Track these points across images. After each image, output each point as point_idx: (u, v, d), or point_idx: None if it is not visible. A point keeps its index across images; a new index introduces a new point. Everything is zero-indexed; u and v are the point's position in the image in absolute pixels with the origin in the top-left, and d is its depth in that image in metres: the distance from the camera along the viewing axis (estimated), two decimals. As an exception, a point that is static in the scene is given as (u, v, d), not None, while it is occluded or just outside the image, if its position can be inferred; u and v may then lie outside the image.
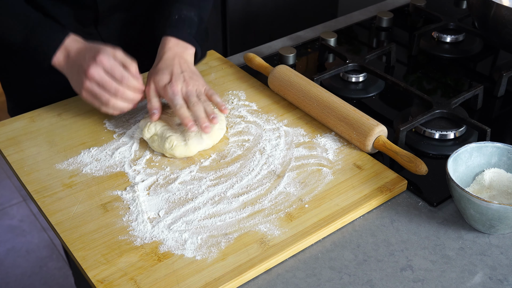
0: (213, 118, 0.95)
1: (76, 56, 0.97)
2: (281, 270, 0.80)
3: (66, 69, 0.99)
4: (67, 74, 0.99)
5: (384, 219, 0.88)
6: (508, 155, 0.89)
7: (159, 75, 0.98)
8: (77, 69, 0.96)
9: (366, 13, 1.46)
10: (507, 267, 0.81)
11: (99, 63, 0.94)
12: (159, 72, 0.99)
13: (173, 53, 1.01)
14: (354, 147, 0.99)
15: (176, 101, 0.95)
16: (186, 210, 0.87)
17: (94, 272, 0.77)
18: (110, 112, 0.98)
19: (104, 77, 0.94)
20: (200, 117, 0.95)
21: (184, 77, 0.98)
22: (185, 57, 1.02)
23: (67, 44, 0.98)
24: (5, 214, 2.27)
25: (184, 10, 1.04)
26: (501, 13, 1.10)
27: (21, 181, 0.93)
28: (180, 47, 1.02)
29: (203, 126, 0.94)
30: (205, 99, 0.98)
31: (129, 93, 0.97)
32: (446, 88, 1.19)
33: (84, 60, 0.96)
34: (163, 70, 0.99)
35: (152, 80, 0.99)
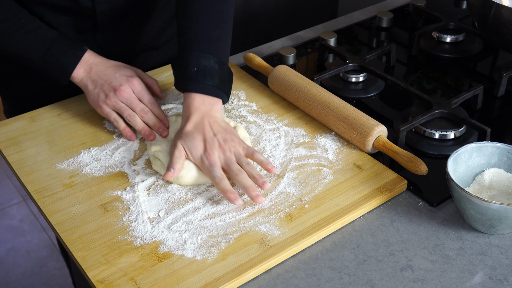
0: (264, 183, 0.87)
1: (103, 73, 1.00)
2: (281, 270, 0.80)
3: (87, 82, 1.00)
4: (87, 86, 1.01)
5: (384, 219, 0.88)
6: (508, 155, 0.89)
7: (191, 140, 0.91)
8: (102, 85, 0.99)
9: (366, 13, 1.46)
10: (507, 267, 0.81)
11: (131, 85, 1.00)
12: (189, 136, 0.91)
13: (201, 114, 0.93)
14: (354, 147, 0.99)
15: (215, 174, 0.87)
16: (186, 210, 0.87)
17: (94, 272, 0.77)
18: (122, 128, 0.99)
19: (132, 96, 0.99)
20: (247, 186, 0.86)
21: (219, 141, 0.90)
22: (214, 114, 0.94)
23: (86, 58, 1.01)
24: (5, 214, 2.27)
25: (202, 60, 0.94)
26: (501, 13, 1.10)
27: (21, 181, 0.93)
28: (206, 104, 0.94)
29: (254, 195, 0.86)
30: (247, 162, 0.89)
31: (152, 116, 0.99)
32: (446, 88, 1.19)
33: (114, 78, 0.99)
34: (193, 134, 0.91)
35: (181, 144, 0.91)
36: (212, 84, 0.94)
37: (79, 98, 1.10)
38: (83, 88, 1.02)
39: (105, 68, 1.01)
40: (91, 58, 1.01)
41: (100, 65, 1.01)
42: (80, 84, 1.01)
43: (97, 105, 1.00)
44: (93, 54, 1.02)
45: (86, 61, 1.01)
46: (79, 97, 1.10)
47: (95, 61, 1.01)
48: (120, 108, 0.99)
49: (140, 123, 0.99)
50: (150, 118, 0.99)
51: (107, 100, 0.99)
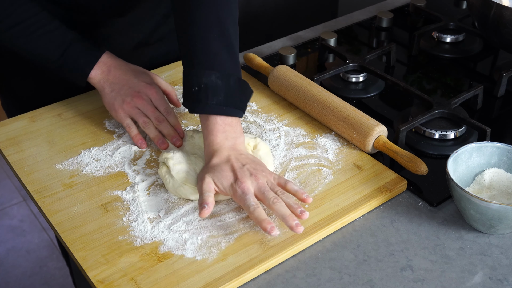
0: (302, 212, 0.81)
1: (121, 77, 0.99)
2: (281, 270, 0.80)
3: (104, 84, 0.99)
4: (104, 88, 0.99)
5: (384, 219, 0.88)
6: (508, 155, 0.89)
7: (219, 172, 0.85)
8: (120, 89, 0.98)
9: (366, 13, 1.46)
10: (507, 267, 0.81)
11: (149, 93, 0.99)
12: (217, 168, 0.85)
13: (225, 150, 0.88)
14: (354, 147, 0.99)
15: (249, 202, 0.81)
16: (186, 210, 0.87)
17: (94, 272, 0.77)
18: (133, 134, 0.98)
19: (150, 104, 0.98)
20: (286, 215, 0.80)
21: (249, 170, 0.85)
22: (238, 148, 0.89)
23: (105, 60, 1.00)
24: (5, 214, 2.27)
25: (203, 77, 0.88)
26: (501, 13, 1.10)
27: (21, 181, 0.93)
28: (230, 139, 0.89)
29: (293, 225, 0.79)
30: (282, 191, 0.84)
31: (167, 125, 0.97)
32: (446, 88, 1.19)
33: (133, 84, 0.99)
34: (221, 166, 0.86)
35: (209, 177, 0.85)
36: (216, 102, 0.88)
37: (79, 98, 1.10)
38: (100, 90, 1.00)
39: (124, 72, 1.00)
40: (110, 59, 1.00)
41: (118, 68, 1.00)
42: (97, 85, 1.00)
43: (112, 108, 0.99)
44: (112, 56, 1.01)
45: (104, 62, 1.00)
46: (79, 97, 1.10)
47: (113, 63, 1.00)
48: (135, 114, 0.98)
49: (154, 131, 0.97)
50: (165, 127, 0.97)
51: (124, 105, 0.98)
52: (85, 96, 1.10)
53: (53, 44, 0.98)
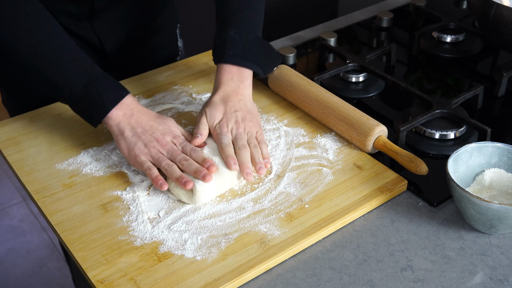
0: (261, 169, 0.90)
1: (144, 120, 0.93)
2: (281, 270, 0.80)
3: (124, 126, 0.92)
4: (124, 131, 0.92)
5: (384, 219, 0.88)
6: (508, 155, 0.89)
7: (212, 110, 0.96)
8: (142, 134, 0.92)
9: (366, 13, 1.46)
10: (508, 267, 0.81)
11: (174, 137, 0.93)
12: (213, 107, 0.96)
13: (228, 89, 0.98)
14: (354, 147, 0.99)
15: (222, 140, 0.92)
16: (186, 210, 0.87)
17: (94, 272, 0.77)
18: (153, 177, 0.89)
19: (174, 148, 0.92)
20: (243, 162, 0.89)
21: (237, 117, 0.95)
22: (242, 92, 0.99)
23: (128, 102, 0.94)
24: (5, 214, 2.27)
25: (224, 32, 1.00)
26: (501, 13, 1.10)
27: (21, 181, 0.93)
28: (235, 81, 0.99)
29: (245, 172, 0.89)
30: (255, 144, 0.93)
31: (194, 162, 0.89)
32: (446, 88, 1.19)
33: (156, 129, 0.93)
34: (216, 106, 0.96)
35: (204, 111, 0.97)
36: (232, 53, 0.99)
37: (79, 98, 1.10)
38: (118, 133, 0.93)
39: (148, 117, 0.94)
40: (133, 103, 0.94)
41: (142, 113, 0.94)
42: (115, 128, 0.93)
43: (131, 153, 0.91)
44: (135, 101, 0.95)
45: (128, 104, 0.93)
46: (79, 97, 1.10)
47: (137, 108, 0.94)
48: (158, 158, 0.90)
49: (177, 172, 0.88)
50: (191, 165, 0.89)
51: (146, 149, 0.91)
52: (85, 96, 1.10)
53: (79, 73, 0.92)
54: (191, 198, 0.87)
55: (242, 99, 0.98)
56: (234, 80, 0.99)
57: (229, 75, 0.99)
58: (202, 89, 1.13)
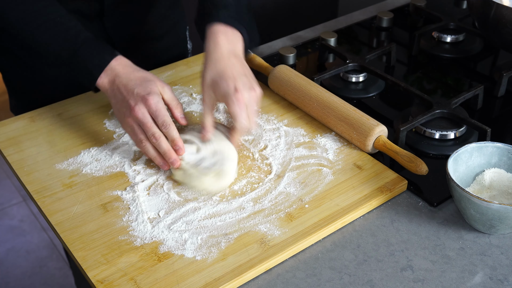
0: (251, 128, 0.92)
1: (124, 87, 0.91)
2: (281, 270, 0.80)
3: (110, 94, 0.93)
4: (110, 99, 0.94)
5: (384, 219, 0.88)
6: (508, 155, 0.89)
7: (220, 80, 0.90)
8: (121, 100, 0.91)
9: (366, 13, 1.46)
10: (508, 267, 0.81)
11: (146, 104, 0.89)
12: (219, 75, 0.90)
13: (226, 50, 0.92)
14: (354, 147, 0.99)
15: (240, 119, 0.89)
16: (186, 210, 0.87)
17: (94, 272, 0.77)
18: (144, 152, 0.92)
19: (146, 118, 0.89)
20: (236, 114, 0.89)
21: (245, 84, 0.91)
22: (238, 52, 0.94)
23: (114, 66, 0.93)
24: (5, 214, 2.27)
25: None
26: (501, 13, 1.10)
27: (21, 181, 0.93)
28: (230, 40, 0.94)
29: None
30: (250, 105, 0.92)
31: (163, 143, 0.89)
32: (446, 88, 1.19)
33: (131, 95, 0.90)
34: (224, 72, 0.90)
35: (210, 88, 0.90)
36: (228, 15, 0.94)
37: (79, 98, 1.10)
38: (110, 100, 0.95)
39: (127, 81, 0.92)
40: (117, 66, 0.93)
41: (123, 77, 0.92)
42: (105, 93, 0.95)
43: (120, 121, 0.93)
44: (121, 62, 0.94)
45: (112, 69, 0.93)
46: (79, 97, 1.10)
47: (120, 72, 0.93)
48: (134, 130, 0.91)
49: (151, 152, 0.91)
50: (161, 145, 0.89)
51: (125, 119, 0.91)
52: (85, 96, 1.10)
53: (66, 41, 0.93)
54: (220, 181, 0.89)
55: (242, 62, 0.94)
56: (230, 42, 0.94)
57: (224, 36, 0.93)
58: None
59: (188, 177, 0.90)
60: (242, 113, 0.88)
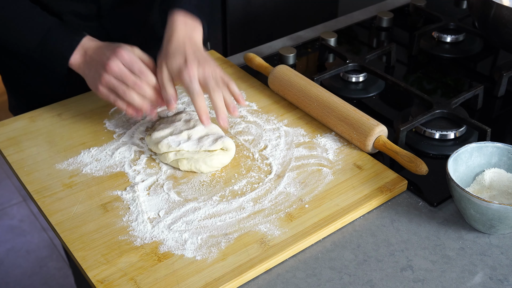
0: (235, 109, 0.91)
1: (95, 53, 0.96)
2: (281, 270, 0.80)
3: (83, 67, 0.97)
4: (84, 71, 0.97)
5: (384, 219, 0.88)
6: (508, 155, 0.89)
7: (171, 58, 0.92)
8: (95, 65, 0.94)
9: (366, 13, 1.46)
10: (508, 267, 0.81)
11: (119, 57, 0.92)
12: (170, 54, 0.92)
13: (182, 34, 0.95)
14: (354, 147, 0.99)
15: (193, 87, 0.89)
16: (186, 210, 0.87)
17: (94, 272, 0.77)
18: (124, 108, 0.94)
19: (123, 69, 0.92)
20: (219, 106, 0.89)
21: (199, 59, 0.91)
22: (195, 38, 0.96)
23: (83, 43, 0.97)
24: (5, 214, 2.27)
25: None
26: (501, 13, 1.10)
27: (21, 181, 0.93)
28: (188, 26, 0.96)
29: (221, 117, 0.89)
30: (223, 85, 0.92)
31: (146, 88, 0.92)
32: (446, 88, 1.19)
33: (103, 55, 0.94)
34: (174, 52, 0.92)
35: (163, 64, 0.92)
36: (188, 2, 0.97)
37: (79, 98, 1.10)
38: (82, 73, 0.98)
39: (97, 48, 0.96)
40: (88, 42, 0.97)
41: (95, 48, 0.96)
42: (79, 71, 0.98)
43: (96, 89, 0.95)
44: (92, 39, 0.98)
45: (82, 46, 0.97)
46: (79, 97, 1.10)
47: (91, 45, 0.97)
48: (113, 85, 0.92)
49: (137, 100, 0.92)
50: (146, 89, 0.92)
51: (101, 80, 0.93)
52: (85, 96, 1.10)
53: (32, 31, 0.97)
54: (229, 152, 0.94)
55: (196, 44, 0.95)
56: (187, 28, 0.96)
57: (182, 22, 0.96)
58: (202, 89, 1.13)
59: (195, 163, 0.93)
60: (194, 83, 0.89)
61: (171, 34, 0.95)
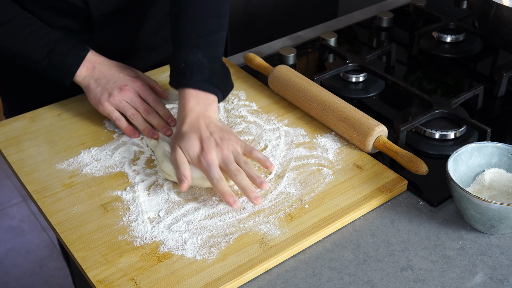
0: (262, 183, 0.85)
1: (106, 71, 1.01)
2: (281, 270, 0.80)
3: (89, 80, 1.01)
4: (89, 84, 1.01)
5: (384, 219, 0.88)
6: (508, 155, 0.89)
7: (187, 141, 0.88)
8: (105, 83, 1.00)
9: (366, 13, 1.46)
10: (508, 267, 0.81)
11: (135, 86, 1.01)
12: (185, 137, 0.89)
13: (196, 115, 0.91)
14: (354, 147, 0.99)
15: (213, 174, 0.85)
16: (186, 210, 0.87)
17: (94, 273, 0.77)
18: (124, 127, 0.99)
19: (137, 96, 1.01)
20: (245, 187, 0.84)
21: (216, 140, 0.88)
22: (209, 115, 0.92)
23: (89, 58, 1.01)
24: (5, 214, 2.27)
25: (190, 55, 0.94)
26: (501, 13, 1.10)
27: (21, 181, 0.93)
28: (201, 105, 0.92)
29: (252, 197, 0.83)
30: (245, 160, 0.87)
31: (156, 115, 1.00)
32: (446, 88, 1.19)
33: (117, 77, 1.01)
34: (189, 134, 0.89)
35: (178, 146, 0.89)
36: (201, 78, 0.93)
37: (79, 98, 1.10)
38: (85, 86, 1.02)
39: (109, 67, 1.02)
40: (94, 57, 1.02)
41: (103, 64, 1.02)
42: (82, 83, 1.02)
43: (99, 103, 1.00)
44: (96, 54, 1.03)
45: (89, 60, 1.01)
46: (79, 97, 1.10)
47: (98, 60, 1.02)
48: (123, 107, 0.99)
49: (143, 123, 0.99)
50: (154, 118, 1.00)
51: (111, 99, 0.99)
52: (85, 96, 1.10)
53: (38, 45, 0.99)
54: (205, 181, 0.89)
55: (212, 121, 0.91)
56: (201, 104, 0.93)
57: (195, 100, 0.93)
58: (202, 89, 1.13)
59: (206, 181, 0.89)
60: (213, 170, 0.85)
61: (184, 115, 0.92)
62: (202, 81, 0.93)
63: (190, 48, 0.95)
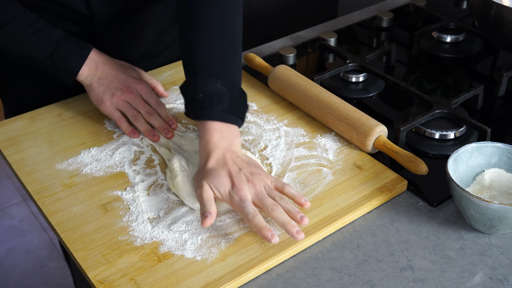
0: (302, 218, 0.80)
1: (109, 70, 1.02)
2: (281, 270, 0.80)
3: (92, 78, 1.01)
4: (91, 83, 1.01)
5: (384, 219, 0.88)
6: (508, 155, 0.89)
7: (216, 177, 0.83)
8: (108, 83, 1.01)
9: (366, 13, 1.46)
10: (508, 267, 0.81)
11: (138, 87, 1.02)
12: (214, 173, 0.84)
13: (221, 150, 0.86)
14: (354, 147, 0.99)
15: (247, 210, 0.80)
16: (186, 210, 0.87)
17: (94, 273, 0.77)
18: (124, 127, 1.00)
19: (139, 97, 1.01)
20: (285, 222, 0.79)
21: (246, 175, 0.83)
22: (235, 149, 0.87)
23: (92, 57, 1.02)
24: (5, 214, 2.27)
25: (208, 84, 0.87)
26: (501, 13, 1.10)
27: (21, 181, 0.93)
28: (226, 139, 0.87)
29: (294, 232, 0.78)
30: (280, 195, 0.83)
31: (158, 117, 1.00)
32: (446, 88, 1.19)
33: (121, 78, 1.01)
34: (218, 171, 0.84)
35: (206, 183, 0.83)
36: (221, 109, 0.87)
37: (79, 98, 1.10)
38: (87, 85, 1.02)
39: (112, 67, 1.02)
40: (97, 56, 1.02)
41: (106, 63, 1.02)
42: (85, 81, 1.02)
43: (100, 102, 1.00)
44: (99, 53, 1.03)
45: (92, 59, 1.01)
46: (79, 97, 1.10)
47: (101, 59, 1.02)
48: (125, 108, 1.00)
49: (144, 124, 1.00)
50: (156, 119, 1.00)
51: (113, 99, 1.00)
52: (85, 96, 1.10)
53: (41, 45, 0.99)
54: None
55: (238, 155, 0.87)
56: (225, 139, 0.87)
57: (219, 135, 0.87)
58: (202, 89, 1.13)
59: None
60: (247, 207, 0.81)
61: (210, 151, 0.86)
62: (223, 112, 0.87)
63: (207, 77, 0.88)
